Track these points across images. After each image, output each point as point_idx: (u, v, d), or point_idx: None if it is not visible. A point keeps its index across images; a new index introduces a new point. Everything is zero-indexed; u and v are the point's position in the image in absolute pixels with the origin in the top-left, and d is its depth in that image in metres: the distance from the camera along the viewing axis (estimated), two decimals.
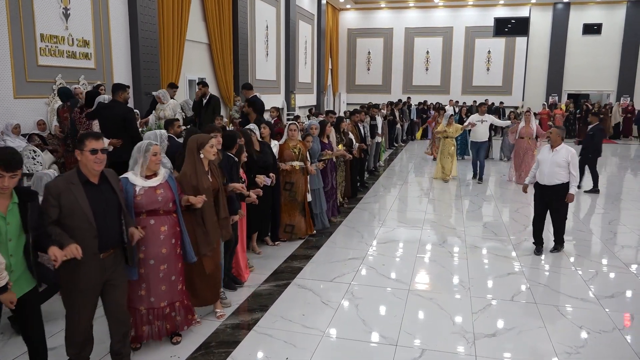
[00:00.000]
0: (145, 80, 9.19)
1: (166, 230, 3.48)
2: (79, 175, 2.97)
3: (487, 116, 10.61)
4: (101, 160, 2.97)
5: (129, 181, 3.38)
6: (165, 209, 3.48)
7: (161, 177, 3.50)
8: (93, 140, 2.95)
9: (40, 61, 7.19)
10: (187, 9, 10.44)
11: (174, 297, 3.62)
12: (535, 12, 21.84)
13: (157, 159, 3.46)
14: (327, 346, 3.73)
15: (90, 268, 2.96)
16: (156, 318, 3.55)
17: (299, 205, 6.09)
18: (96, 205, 2.96)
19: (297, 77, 18.52)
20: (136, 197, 3.36)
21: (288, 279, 5.01)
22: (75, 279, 2.96)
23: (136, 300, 3.49)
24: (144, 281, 3.48)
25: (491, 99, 20.80)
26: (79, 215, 2.90)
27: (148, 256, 3.45)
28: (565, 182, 5.62)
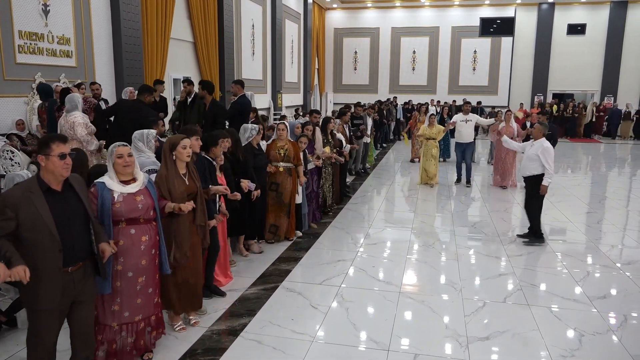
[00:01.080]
0: (129, 79, 8.97)
1: (147, 240, 3.25)
2: (39, 182, 2.68)
3: (472, 115, 10.05)
4: (69, 166, 2.71)
5: (106, 186, 3.12)
6: (146, 217, 3.25)
7: (140, 183, 3.25)
8: (60, 144, 2.68)
9: (19, 59, 6.97)
10: (172, 7, 10.25)
11: (150, 311, 3.39)
12: (521, 12, 21.98)
13: (123, 162, 3.16)
14: (317, 352, 3.61)
15: (55, 285, 2.67)
16: (129, 334, 3.30)
17: (285, 207, 5.96)
18: (59, 216, 2.67)
19: (284, 77, 18.38)
20: (115, 205, 3.11)
21: (276, 282, 4.88)
22: (38, 298, 2.66)
23: (108, 317, 3.23)
24: (119, 295, 3.22)
25: (477, 98, 20.85)
26: (41, 227, 2.61)
27: (126, 268, 3.20)
28: (535, 175, 5.93)
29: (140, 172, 3.32)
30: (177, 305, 3.81)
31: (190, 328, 3.91)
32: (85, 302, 2.89)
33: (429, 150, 9.71)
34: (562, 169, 12.55)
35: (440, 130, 9.78)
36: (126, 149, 3.21)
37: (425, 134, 9.71)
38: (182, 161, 3.65)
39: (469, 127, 9.85)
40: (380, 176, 11.01)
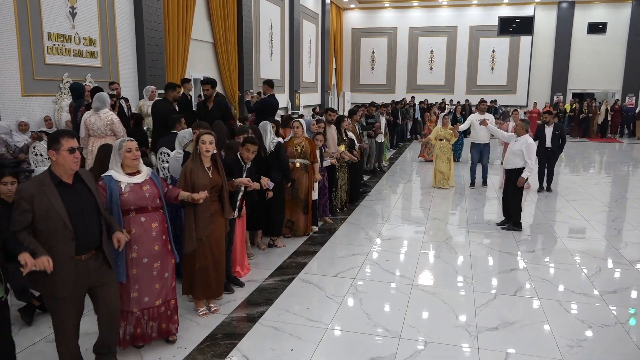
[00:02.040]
0: (151, 79, 9.26)
1: (157, 227, 3.43)
2: (51, 176, 2.86)
3: (488, 115, 9.71)
4: (79, 159, 2.90)
5: (113, 178, 3.30)
6: (153, 205, 3.43)
7: (145, 174, 3.44)
8: (70, 139, 2.86)
9: (48, 60, 7.28)
10: (192, 8, 10.52)
11: (169, 295, 3.58)
12: (540, 11, 21.82)
13: (132, 155, 3.34)
14: (331, 339, 3.77)
15: (68, 273, 2.84)
16: (151, 318, 3.49)
17: (301, 203, 6.13)
18: (72, 207, 2.85)
19: (302, 77, 18.58)
20: (123, 195, 3.28)
21: (293, 274, 5.06)
22: (53, 286, 2.83)
23: (128, 303, 3.41)
24: (137, 282, 3.40)
25: (495, 98, 20.79)
26: (54, 218, 2.78)
27: (141, 255, 3.39)
28: (517, 168, 6.43)
29: (143, 165, 3.49)
30: (197, 290, 4.02)
31: (210, 315, 4.10)
32: (107, 285, 3.07)
33: (443, 151, 9.44)
34: (578, 168, 12.50)
35: (454, 132, 9.53)
36: (134, 143, 3.39)
37: (439, 135, 9.50)
38: (204, 156, 3.84)
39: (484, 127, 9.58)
40: (396, 175, 11.12)
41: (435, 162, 9.55)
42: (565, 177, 10.92)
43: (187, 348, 3.59)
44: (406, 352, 3.58)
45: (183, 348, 3.59)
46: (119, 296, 3.22)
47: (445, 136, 9.45)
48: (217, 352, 3.54)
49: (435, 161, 9.53)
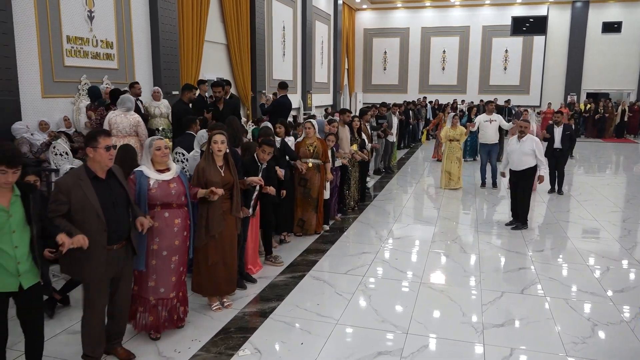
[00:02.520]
0: (166, 80, 9.45)
1: (179, 223, 3.64)
2: (87, 171, 3.09)
3: (496, 116, 9.66)
4: (113, 157, 3.14)
5: (143, 174, 3.53)
6: (178, 202, 3.63)
7: (173, 172, 3.65)
8: (106, 138, 3.09)
9: (67, 62, 7.48)
10: (206, 11, 10.70)
11: (180, 288, 3.79)
12: (554, 11, 21.70)
13: (161, 153, 3.56)
14: (340, 333, 3.89)
15: (100, 261, 3.09)
16: (164, 309, 3.68)
17: (313, 202, 6.25)
18: (105, 200, 3.08)
19: (314, 77, 18.70)
20: (150, 190, 3.50)
21: (303, 271, 5.18)
22: (84, 272, 3.10)
23: (145, 291, 3.63)
24: (155, 272, 3.61)
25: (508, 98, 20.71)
26: (89, 210, 3.01)
27: (161, 247, 3.59)
28: (531, 167, 6.57)
29: (173, 162, 3.72)
30: (209, 287, 4.14)
31: (224, 309, 4.24)
32: (124, 279, 3.33)
33: (453, 152, 9.38)
34: (592, 168, 12.46)
35: (463, 132, 9.53)
36: (162, 142, 3.61)
37: (448, 136, 9.45)
38: (216, 155, 3.99)
39: (493, 127, 9.54)
40: (407, 175, 11.19)
41: (444, 163, 9.53)
42: (577, 178, 10.90)
43: (202, 341, 3.73)
44: (413, 346, 3.68)
45: (197, 340, 3.73)
46: (131, 288, 3.48)
47: (454, 136, 9.43)
48: (230, 345, 3.68)
49: (444, 161, 9.51)
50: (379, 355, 3.57)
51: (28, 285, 2.86)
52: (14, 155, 2.71)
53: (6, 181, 2.70)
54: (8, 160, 2.67)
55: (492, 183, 9.74)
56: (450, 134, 9.45)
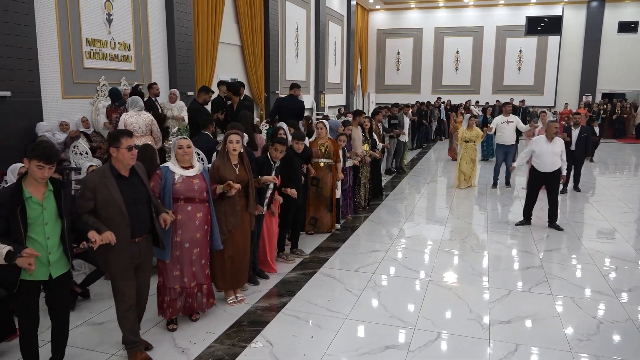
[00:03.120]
0: (181, 81, 9.65)
1: (201, 217, 3.85)
2: (111, 169, 3.28)
3: (513, 117, 9.68)
4: (135, 156, 3.32)
5: (169, 169, 3.77)
6: (200, 198, 3.85)
7: (197, 169, 3.87)
8: (128, 138, 3.28)
9: (86, 64, 7.70)
10: (221, 13, 10.88)
11: (202, 279, 3.99)
12: (569, 11, 21.55)
13: (182, 152, 3.78)
14: (349, 328, 4.01)
15: (125, 253, 3.29)
16: (188, 296, 3.94)
17: (325, 201, 6.37)
18: (128, 197, 3.27)
19: (327, 78, 18.83)
20: (175, 185, 3.74)
21: (314, 268, 5.31)
22: (110, 264, 3.31)
23: (172, 280, 3.87)
24: (179, 262, 3.84)
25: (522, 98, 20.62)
26: (113, 206, 3.21)
27: (183, 239, 3.81)
28: (560, 167, 6.77)
29: (197, 160, 3.94)
30: (220, 280, 4.33)
31: (237, 303, 4.38)
32: (144, 270, 3.52)
33: (468, 153, 9.52)
34: (606, 169, 12.39)
35: (480, 134, 9.62)
36: (186, 141, 3.84)
37: (464, 137, 9.56)
38: (231, 154, 4.19)
39: (510, 128, 9.55)
40: (419, 175, 11.26)
41: (459, 163, 9.65)
42: (591, 179, 10.87)
43: (215, 333, 3.88)
44: (420, 341, 3.79)
45: (211, 333, 3.88)
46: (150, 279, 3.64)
47: (470, 138, 9.51)
48: (243, 337, 3.82)
49: (459, 162, 9.63)
50: (386, 349, 3.68)
51: (57, 274, 3.04)
52: (52, 153, 2.90)
53: (42, 176, 2.88)
54: (47, 157, 2.85)
55: (505, 182, 9.83)
56: (466, 135, 9.54)
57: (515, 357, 3.58)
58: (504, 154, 9.66)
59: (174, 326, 3.94)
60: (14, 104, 6.33)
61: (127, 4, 8.47)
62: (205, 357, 3.55)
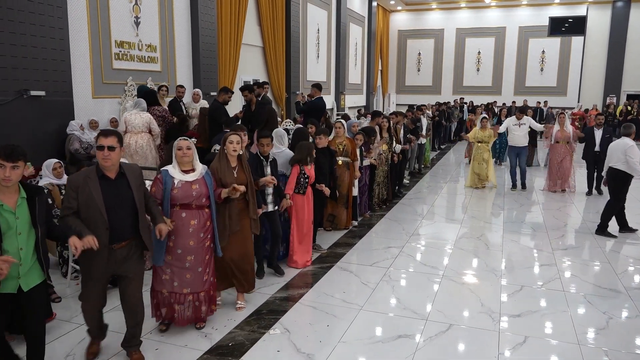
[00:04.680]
0: (205, 81, 9.95)
1: (196, 224, 3.67)
2: (97, 170, 3.13)
3: (526, 119, 9.62)
4: (107, 156, 3.06)
5: (169, 174, 3.61)
6: (198, 204, 3.66)
7: (198, 173, 3.68)
8: (102, 137, 3.09)
9: (115, 65, 8.04)
10: (244, 15, 11.16)
11: (198, 287, 3.79)
12: (593, 11, 21.31)
13: (181, 153, 3.60)
14: (363, 318, 4.18)
15: (101, 258, 3.13)
16: (177, 302, 3.76)
17: (342, 198, 6.54)
18: (109, 199, 3.10)
19: (347, 78, 19.00)
20: (173, 190, 3.58)
21: (332, 263, 5.49)
22: (90, 268, 3.17)
23: (159, 283, 3.76)
24: (169, 267, 3.70)
25: (544, 99, 20.51)
26: (92, 207, 3.06)
27: (176, 245, 3.67)
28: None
29: (199, 163, 3.74)
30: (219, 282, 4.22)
31: (256, 294, 4.58)
32: (131, 279, 3.32)
33: (480, 153, 9.56)
34: None
35: (492, 134, 9.62)
36: (186, 142, 3.65)
37: (476, 137, 9.58)
38: (230, 155, 4.03)
39: (522, 130, 9.49)
40: (437, 175, 11.35)
41: (472, 164, 9.75)
42: None
43: (236, 320, 4.09)
44: (431, 331, 3.94)
45: (233, 320, 4.10)
46: (141, 290, 3.43)
47: (482, 138, 9.56)
48: (262, 325, 4.02)
49: (472, 162, 9.74)
50: (398, 338, 3.84)
51: (29, 287, 2.87)
52: (15, 151, 2.68)
53: (4, 176, 2.66)
54: (7, 154, 2.65)
55: (522, 185, 9.68)
56: (479, 136, 9.59)
57: (523, 349, 3.71)
58: (515, 156, 9.58)
59: (163, 327, 3.88)
60: (47, 103, 6.67)
61: (154, 7, 8.80)
62: (226, 341, 3.76)
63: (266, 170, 4.79)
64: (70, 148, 6.69)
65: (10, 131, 6.12)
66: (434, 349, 3.70)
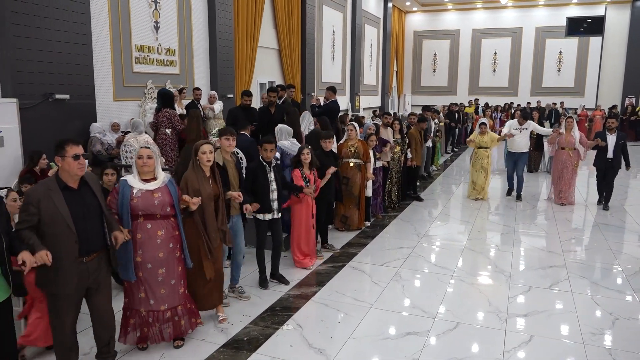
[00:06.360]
0: (221, 84, 10.17)
1: (163, 235, 3.50)
2: (58, 181, 2.97)
3: (528, 123, 8.91)
4: (83, 165, 2.99)
5: (127, 183, 3.44)
6: (163, 213, 3.50)
7: (160, 181, 3.52)
8: (74, 146, 2.96)
9: (135, 69, 8.29)
10: (260, 18, 11.37)
11: (175, 301, 3.64)
12: (612, 11, 21.07)
13: (142, 162, 3.44)
14: (374, 315, 4.33)
15: (71, 273, 2.98)
16: (156, 321, 3.59)
17: (354, 199, 6.69)
18: (76, 211, 2.97)
19: (362, 79, 19.11)
20: (132, 200, 3.40)
21: (344, 262, 5.65)
22: (56, 285, 2.98)
23: (136, 302, 3.56)
24: (143, 284, 3.52)
25: (563, 100, 20.36)
26: (59, 221, 2.90)
27: (145, 260, 3.49)
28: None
29: (161, 172, 3.60)
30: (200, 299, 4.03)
31: (270, 291, 4.77)
32: (100, 290, 3.21)
33: (479, 160, 8.70)
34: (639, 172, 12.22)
35: (494, 139, 8.74)
36: (147, 151, 3.49)
37: (476, 142, 8.71)
38: (204, 165, 3.89)
39: (523, 135, 8.80)
40: (450, 177, 11.43)
41: (470, 172, 9.03)
42: (622, 182, 10.76)
43: (251, 316, 4.27)
44: (439, 329, 4.07)
45: (247, 316, 4.28)
46: (111, 301, 3.35)
47: (481, 144, 8.70)
48: (276, 321, 4.20)
49: (470, 170, 9.00)
50: (407, 335, 3.98)
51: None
52: None
53: None
54: None
55: (517, 195, 8.94)
56: (477, 140, 8.72)
57: (528, 347, 3.82)
58: (513, 163, 8.92)
59: (144, 345, 3.70)
60: (71, 106, 6.92)
61: (173, 12, 9.04)
62: (241, 336, 3.94)
63: (270, 176, 4.76)
64: (92, 149, 6.94)
65: (36, 133, 6.37)
66: (441, 346, 3.83)
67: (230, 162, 4.48)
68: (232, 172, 4.46)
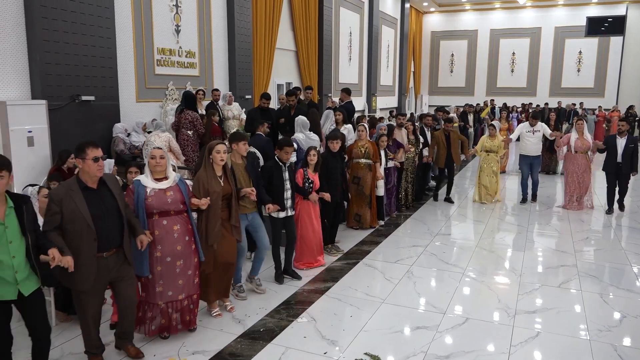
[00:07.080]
0: (240, 85, 10.41)
1: (179, 229, 3.71)
2: (78, 182, 3.18)
3: (540, 125, 8.70)
4: (102, 167, 3.19)
5: (141, 183, 3.64)
6: (176, 210, 3.70)
7: (171, 181, 3.72)
8: (94, 149, 3.15)
9: (157, 71, 8.56)
10: (278, 20, 11.60)
11: (191, 290, 3.87)
12: (633, 10, 20.84)
13: (154, 162, 3.63)
14: (385, 310, 4.48)
15: (89, 270, 3.17)
16: (175, 311, 3.81)
17: (366, 198, 6.83)
18: (95, 210, 3.16)
19: (379, 80, 19.22)
20: (147, 199, 3.61)
21: (357, 259, 5.80)
22: (74, 281, 3.18)
23: (154, 296, 3.74)
24: (161, 278, 3.71)
25: (582, 100, 20.20)
26: (79, 220, 3.10)
27: (165, 254, 3.68)
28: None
29: (172, 171, 3.80)
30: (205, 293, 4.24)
31: (285, 286, 4.96)
32: (125, 279, 3.43)
33: (489, 164, 8.59)
34: None
35: (501, 145, 8.65)
36: (159, 151, 3.68)
37: (484, 146, 8.65)
38: (217, 164, 4.07)
39: (536, 137, 8.62)
40: (465, 179, 11.49)
41: (479, 175, 8.78)
42: (635, 183, 10.71)
43: (267, 309, 4.46)
44: (448, 324, 4.21)
45: (264, 309, 4.47)
46: (135, 289, 3.59)
47: (491, 148, 8.61)
48: (291, 314, 4.38)
49: (479, 174, 8.76)
50: (417, 329, 4.13)
51: (28, 292, 2.94)
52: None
53: None
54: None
55: (532, 196, 8.88)
56: (487, 145, 8.64)
57: (535, 342, 3.93)
58: (528, 166, 8.74)
59: (167, 334, 3.89)
60: (96, 107, 7.21)
61: (193, 16, 9.30)
62: (258, 327, 4.13)
63: (285, 176, 4.95)
64: (115, 149, 7.21)
65: (63, 133, 6.66)
66: (450, 340, 3.96)
67: (240, 165, 4.60)
68: (241, 174, 4.54)
